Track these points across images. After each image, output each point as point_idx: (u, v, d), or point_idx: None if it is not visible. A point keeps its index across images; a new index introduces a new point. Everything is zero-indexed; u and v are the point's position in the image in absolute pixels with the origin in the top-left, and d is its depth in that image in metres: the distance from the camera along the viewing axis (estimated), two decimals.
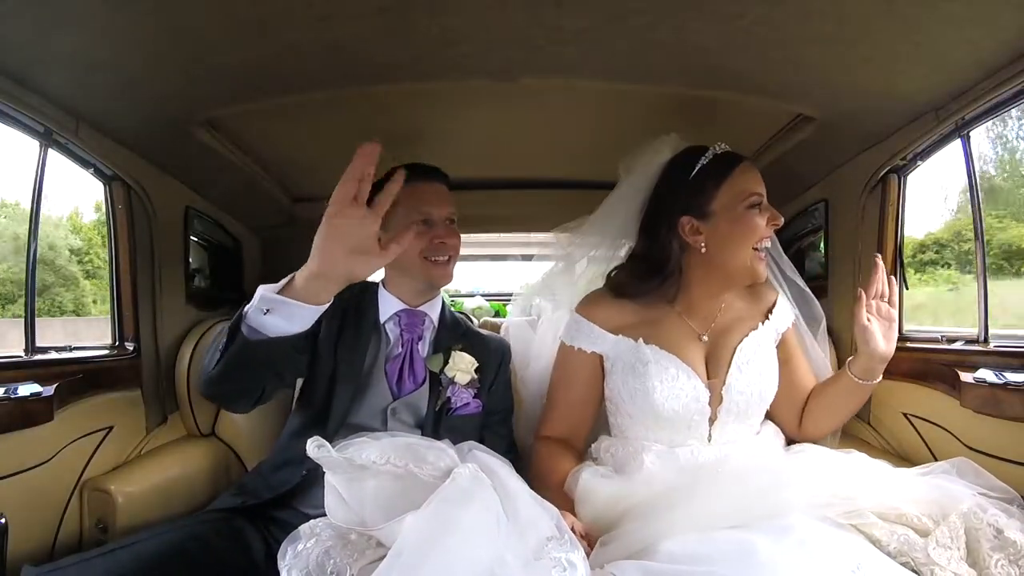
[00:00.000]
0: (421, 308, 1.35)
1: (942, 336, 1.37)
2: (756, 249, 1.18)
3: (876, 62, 1.10)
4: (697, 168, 1.18)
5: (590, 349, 1.26)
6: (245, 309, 0.94)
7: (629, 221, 1.28)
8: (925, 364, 1.37)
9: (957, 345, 1.33)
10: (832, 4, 0.94)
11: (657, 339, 1.20)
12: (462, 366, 1.31)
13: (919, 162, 1.43)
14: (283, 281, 0.91)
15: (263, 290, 0.91)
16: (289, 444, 1.26)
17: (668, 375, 1.16)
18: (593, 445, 1.28)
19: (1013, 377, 1.14)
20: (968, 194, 1.32)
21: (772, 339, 1.28)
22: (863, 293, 1.22)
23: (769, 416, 1.28)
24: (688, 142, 1.25)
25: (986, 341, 1.29)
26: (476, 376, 1.32)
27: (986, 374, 1.18)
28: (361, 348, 1.29)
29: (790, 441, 1.29)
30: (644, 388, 1.17)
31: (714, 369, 1.20)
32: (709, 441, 1.18)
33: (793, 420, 1.31)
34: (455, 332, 1.38)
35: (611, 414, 1.27)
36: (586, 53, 1.12)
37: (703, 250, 1.18)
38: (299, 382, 1.34)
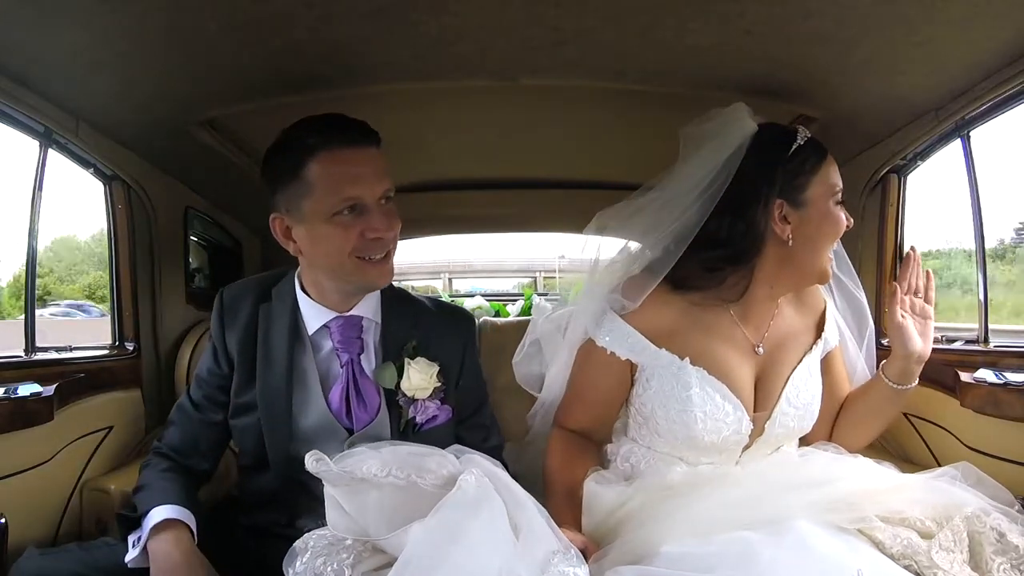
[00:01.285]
0: (354, 311, 1.07)
1: (942, 336, 1.37)
2: None
3: (876, 62, 1.10)
4: (794, 148, 1.05)
5: (625, 356, 1.10)
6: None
7: (698, 202, 1.07)
8: (925, 364, 1.37)
9: (957, 345, 1.33)
10: (832, 4, 0.94)
11: (706, 355, 1.07)
12: (420, 381, 1.06)
13: (919, 162, 1.43)
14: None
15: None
16: (247, 494, 1.15)
17: (713, 404, 1.05)
18: (610, 447, 1.19)
19: (1013, 377, 1.14)
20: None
21: (819, 359, 1.18)
22: (897, 288, 1.14)
23: None
24: None
25: (986, 341, 1.28)
26: (440, 382, 1.08)
27: (986, 374, 1.18)
28: (283, 381, 1.04)
29: None
30: (684, 419, 1.06)
31: (763, 397, 1.11)
32: (735, 463, 1.11)
33: (824, 433, 1.21)
34: (403, 323, 1.10)
35: (635, 422, 1.15)
36: (586, 53, 1.12)
37: (790, 243, 1.05)
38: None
